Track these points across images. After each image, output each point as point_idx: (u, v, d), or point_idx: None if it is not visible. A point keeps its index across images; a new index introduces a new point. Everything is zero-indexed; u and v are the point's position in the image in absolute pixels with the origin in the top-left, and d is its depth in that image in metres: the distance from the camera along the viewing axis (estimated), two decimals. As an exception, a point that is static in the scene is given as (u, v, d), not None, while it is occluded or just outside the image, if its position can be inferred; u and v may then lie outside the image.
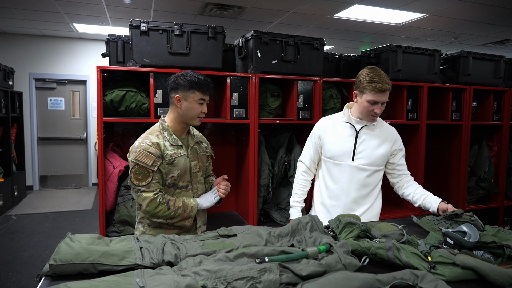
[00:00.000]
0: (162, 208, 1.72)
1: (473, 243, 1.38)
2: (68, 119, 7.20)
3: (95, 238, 1.35)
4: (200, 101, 1.78)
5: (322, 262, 1.19)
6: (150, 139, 1.75)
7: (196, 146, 1.91)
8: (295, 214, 2.09)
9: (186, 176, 1.83)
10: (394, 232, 1.45)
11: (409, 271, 1.13)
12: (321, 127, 2.07)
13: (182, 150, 1.82)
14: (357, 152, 1.93)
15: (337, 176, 1.98)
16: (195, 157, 1.88)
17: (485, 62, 3.76)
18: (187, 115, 1.79)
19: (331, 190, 2.01)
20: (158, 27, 2.68)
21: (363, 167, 1.93)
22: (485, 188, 3.86)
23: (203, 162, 1.95)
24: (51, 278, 1.20)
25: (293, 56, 3.02)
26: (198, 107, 1.78)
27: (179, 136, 1.85)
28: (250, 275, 1.07)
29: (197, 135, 1.99)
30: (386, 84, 1.80)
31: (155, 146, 1.73)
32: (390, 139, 1.98)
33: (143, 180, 1.70)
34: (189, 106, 1.77)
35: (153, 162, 1.70)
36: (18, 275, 3.38)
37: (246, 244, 1.36)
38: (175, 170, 1.77)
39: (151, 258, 1.25)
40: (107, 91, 2.75)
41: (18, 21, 5.75)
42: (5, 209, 5.49)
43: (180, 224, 1.80)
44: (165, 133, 1.81)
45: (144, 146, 1.72)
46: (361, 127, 1.95)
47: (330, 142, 2.00)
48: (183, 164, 1.80)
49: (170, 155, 1.76)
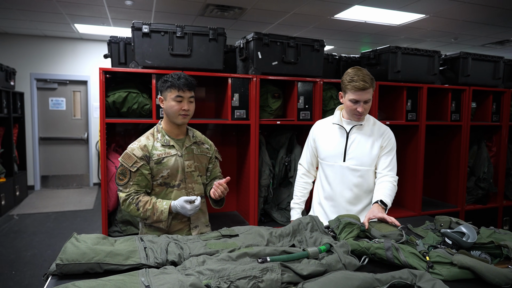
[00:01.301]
0: (132, 208, 1.77)
1: (471, 243, 1.41)
2: (69, 119, 7.23)
3: (100, 238, 1.38)
4: (177, 98, 1.79)
5: (322, 262, 1.22)
6: (140, 141, 1.84)
7: (194, 147, 1.93)
8: (294, 216, 2.13)
9: (178, 175, 1.85)
10: (393, 232, 1.47)
11: (408, 270, 1.15)
12: (315, 130, 2.12)
13: (173, 150, 1.85)
14: (348, 153, 1.95)
15: (330, 177, 2.01)
16: (190, 157, 1.90)
17: (484, 63, 3.78)
18: (169, 114, 1.83)
19: (326, 191, 2.04)
20: (160, 29, 2.71)
21: (354, 167, 1.95)
22: (484, 188, 3.88)
23: (201, 163, 1.95)
24: (57, 277, 1.23)
25: (294, 58, 3.05)
26: (176, 105, 1.80)
27: (174, 137, 1.88)
28: (253, 275, 1.09)
29: (198, 137, 2.00)
30: (365, 83, 1.81)
31: (141, 148, 1.80)
32: (380, 139, 1.97)
33: (122, 180, 1.78)
34: (168, 104, 1.81)
35: (133, 163, 1.77)
36: (21, 274, 3.40)
37: (248, 244, 1.39)
38: (164, 169, 1.81)
39: (155, 257, 1.28)
40: (109, 92, 2.78)
41: (20, 22, 5.77)
42: (7, 209, 5.52)
43: (156, 225, 1.83)
44: (159, 134, 1.87)
45: (131, 147, 1.82)
46: (351, 128, 1.97)
47: (323, 144, 2.04)
48: (173, 164, 1.83)
49: (158, 154, 1.81)
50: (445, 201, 3.94)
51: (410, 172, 3.64)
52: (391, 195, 1.89)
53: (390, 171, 1.97)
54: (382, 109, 3.64)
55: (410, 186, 3.64)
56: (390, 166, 1.97)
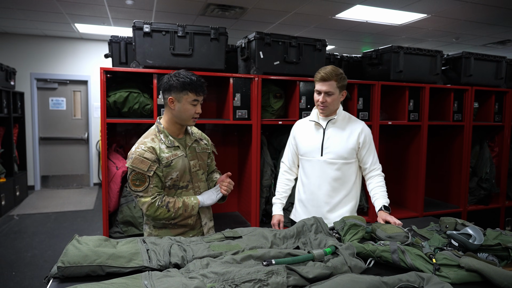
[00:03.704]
0: (161, 211, 1.72)
1: (478, 245, 1.39)
2: (69, 119, 7.21)
3: (102, 240, 1.36)
4: (193, 102, 1.76)
5: (328, 264, 1.20)
6: (146, 144, 1.75)
7: (195, 145, 1.90)
8: (276, 211, 2.24)
9: (186, 176, 1.83)
10: (399, 234, 1.46)
11: (415, 273, 1.14)
12: (295, 128, 2.25)
13: (179, 151, 1.80)
14: (324, 147, 2.07)
15: (309, 171, 2.12)
16: (194, 156, 1.87)
17: (486, 63, 3.76)
18: (181, 117, 1.78)
19: (306, 185, 2.15)
20: (161, 28, 2.69)
21: (331, 161, 2.05)
22: (486, 189, 3.87)
23: (203, 160, 1.93)
24: (59, 280, 1.21)
25: (296, 57, 3.03)
26: (192, 108, 1.76)
27: (175, 137, 1.84)
28: (258, 278, 1.08)
29: (196, 133, 1.97)
30: (326, 74, 1.95)
31: (151, 151, 1.72)
32: (355, 132, 2.07)
33: (141, 186, 1.71)
34: (182, 107, 1.75)
35: (149, 167, 1.70)
36: (21, 275, 3.38)
37: (252, 246, 1.37)
38: (173, 172, 1.77)
39: (158, 260, 1.26)
40: (110, 92, 2.76)
41: (20, 22, 5.75)
42: (7, 209, 5.50)
43: (183, 223, 1.81)
44: (161, 135, 1.80)
45: (139, 151, 1.72)
46: (327, 124, 2.08)
47: (302, 140, 2.16)
48: (181, 165, 1.79)
49: (166, 157, 1.75)
50: (447, 202, 3.92)
51: (412, 172, 3.62)
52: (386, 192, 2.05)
53: (375, 164, 2.11)
54: (384, 109, 3.62)
55: (412, 187, 3.62)
56: (374, 160, 2.11)
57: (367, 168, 2.10)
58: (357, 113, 3.25)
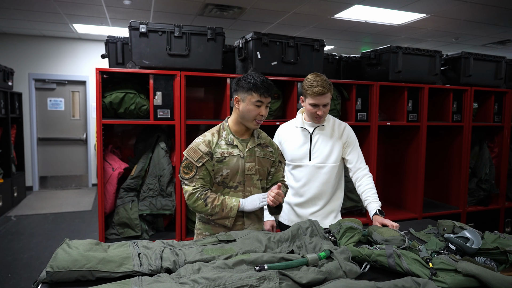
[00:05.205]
0: (199, 203, 1.73)
1: (476, 249, 1.37)
2: (67, 119, 7.18)
3: (93, 244, 1.34)
4: (257, 103, 1.74)
5: (322, 269, 1.18)
6: (205, 136, 1.80)
7: (258, 149, 1.85)
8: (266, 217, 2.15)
9: (238, 176, 1.79)
10: (395, 237, 1.43)
11: (411, 278, 1.11)
12: (280, 133, 2.23)
13: (236, 150, 1.79)
14: (313, 152, 2.09)
15: (298, 176, 2.14)
16: (252, 159, 1.81)
17: (486, 63, 3.74)
18: (244, 117, 1.78)
19: (294, 188, 2.15)
20: (157, 28, 2.67)
21: (320, 165, 2.08)
22: (486, 190, 3.84)
23: (263, 166, 1.86)
24: (48, 285, 1.19)
25: (293, 58, 3.00)
26: (255, 110, 1.75)
27: (239, 137, 1.83)
28: (249, 283, 1.05)
29: (263, 138, 1.92)
30: (323, 88, 1.93)
31: (206, 144, 1.76)
32: (339, 134, 2.11)
33: (188, 174, 1.75)
34: (246, 107, 1.75)
35: (199, 158, 1.73)
36: (17, 277, 3.36)
37: (246, 250, 1.35)
38: (224, 168, 1.77)
39: (149, 264, 1.24)
40: (106, 93, 2.74)
41: (18, 22, 5.73)
42: (4, 210, 5.48)
43: (220, 223, 1.77)
44: (224, 132, 1.83)
45: (197, 142, 1.78)
46: (313, 129, 2.10)
47: (289, 146, 2.15)
48: (234, 164, 1.77)
49: (220, 153, 1.76)
50: (446, 203, 3.90)
51: (411, 173, 3.60)
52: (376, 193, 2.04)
53: (361, 163, 2.12)
54: (383, 110, 3.60)
55: (411, 188, 3.60)
56: (359, 159, 2.13)
57: (353, 167, 2.10)
58: (355, 114, 3.22)
